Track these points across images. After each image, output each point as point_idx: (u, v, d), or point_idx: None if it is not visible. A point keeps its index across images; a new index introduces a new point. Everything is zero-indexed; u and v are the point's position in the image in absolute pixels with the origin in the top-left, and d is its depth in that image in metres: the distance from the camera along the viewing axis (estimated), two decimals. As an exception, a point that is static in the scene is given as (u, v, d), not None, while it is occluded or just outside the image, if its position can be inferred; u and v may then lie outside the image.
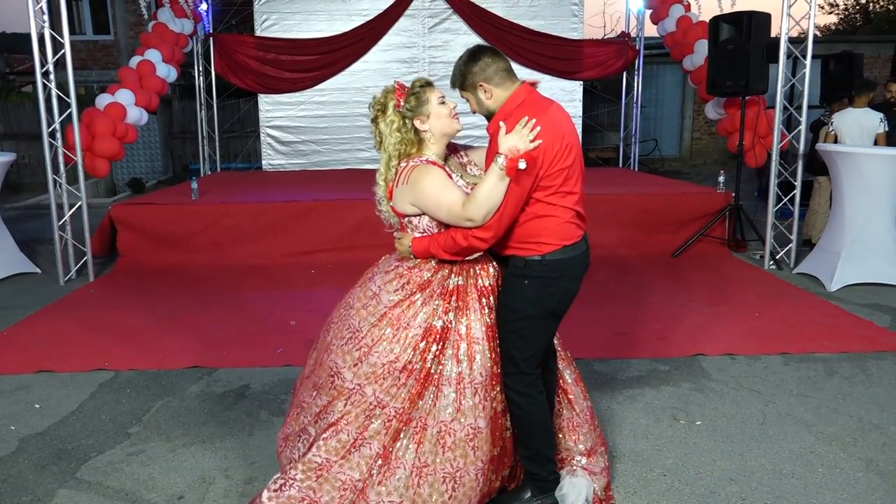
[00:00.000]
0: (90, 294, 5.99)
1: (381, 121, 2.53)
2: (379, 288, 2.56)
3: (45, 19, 6.05)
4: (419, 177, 2.43)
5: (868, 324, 5.00)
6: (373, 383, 2.45)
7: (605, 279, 6.19)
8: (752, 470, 3.08)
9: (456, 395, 2.46)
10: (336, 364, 2.53)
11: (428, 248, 2.49)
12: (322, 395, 2.56)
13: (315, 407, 2.58)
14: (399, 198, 2.51)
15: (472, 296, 2.54)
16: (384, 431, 2.44)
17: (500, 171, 2.31)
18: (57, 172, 6.30)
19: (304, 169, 10.52)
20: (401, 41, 10.38)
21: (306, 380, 2.73)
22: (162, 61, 8.18)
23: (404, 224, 2.57)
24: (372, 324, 2.50)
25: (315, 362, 2.71)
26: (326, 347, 2.63)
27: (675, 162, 14.98)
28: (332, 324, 2.67)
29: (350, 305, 2.62)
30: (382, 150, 2.57)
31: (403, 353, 2.45)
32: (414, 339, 2.46)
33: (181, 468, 3.10)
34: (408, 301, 2.50)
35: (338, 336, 2.58)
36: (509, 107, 2.52)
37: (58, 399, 3.83)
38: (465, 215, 2.36)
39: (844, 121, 6.73)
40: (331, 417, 2.48)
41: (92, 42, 17.82)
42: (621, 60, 10.57)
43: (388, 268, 2.61)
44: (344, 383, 2.49)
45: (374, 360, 2.46)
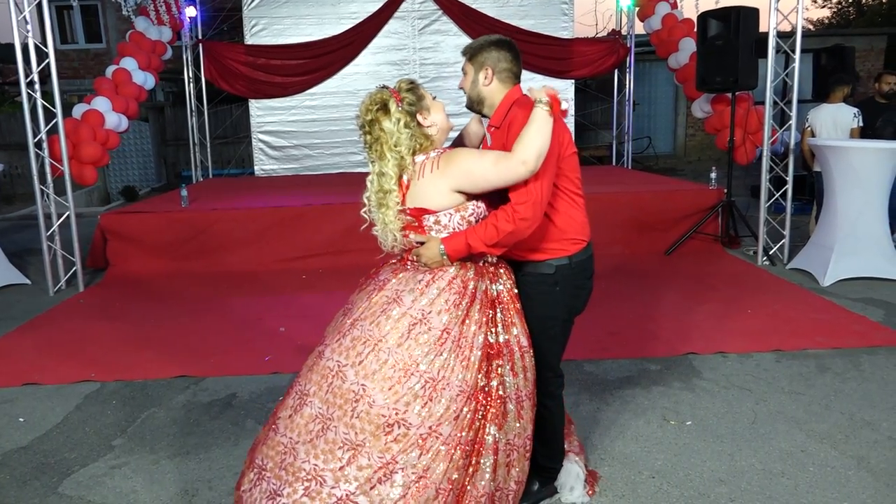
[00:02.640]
0: (79, 304, 5.95)
1: (384, 120, 2.32)
2: (420, 311, 2.25)
3: (29, 29, 6.01)
4: (450, 158, 2.31)
5: (861, 318, 4.97)
6: (450, 421, 2.17)
7: (597, 278, 6.10)
8: (741, 470, 3.05)
9: (517, 411, 2.37)
10: (394, 412, 2.14)
11: (467, 243, 2.28)
12: (366, 452, 2.12)
13: (356, 469, 2.12)
14: (429, 190, 2.31)
15: (513, 303, 2.43)
16: (464, 467, 2.21)
17: (544, 112, 2.24)
18: (44, 183, 6.26)
19: (296, 174, 10.49)
20: (391, 43, 10.35)
21: (303, 445, 2.18)
22: (138, 69, 8.19)
23: (425, 227, 2.34)
24: (430, 354, 2.20)
25: (313, 419, 2.20)
26: (351, 398, 2.17)
27: (669, 159, 14.95)
28: (344, 368, 2.22)
29: (377, 339, 2.22)
30: (387, 151, 2.32)
31: (473, 379, 2.24)
32: (480, 361, 2.27)
33: (164, 480, 3.06)
34: (464, 316, 2.27)
35: (375, 379, 2.18)
36: (509, 100, 2.52)
37: (42, 412, 3.79)
38: (519, 158, 2.20)
39: (819, 116, 6.72)
40: (401, 476, 2.11)
41: (84, 51, 17.81)
42: (612, 58, 10.54)
43: (417, 284, 2.31)
44: (410, 430, 2.13)
45: (448, 394, 2.18)
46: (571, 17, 10.46)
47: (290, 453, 2.17)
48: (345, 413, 2.14)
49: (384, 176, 2.33)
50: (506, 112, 2.50)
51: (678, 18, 8.68)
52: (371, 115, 2.34)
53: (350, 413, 2.14)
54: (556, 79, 10.47)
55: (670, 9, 8.81)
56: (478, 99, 2.56)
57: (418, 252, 2.34)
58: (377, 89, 2.41)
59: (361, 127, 2.39)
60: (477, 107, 2.60)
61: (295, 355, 4.52)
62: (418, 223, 2.34)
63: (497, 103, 2.55)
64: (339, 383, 2.18)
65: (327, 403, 2.18)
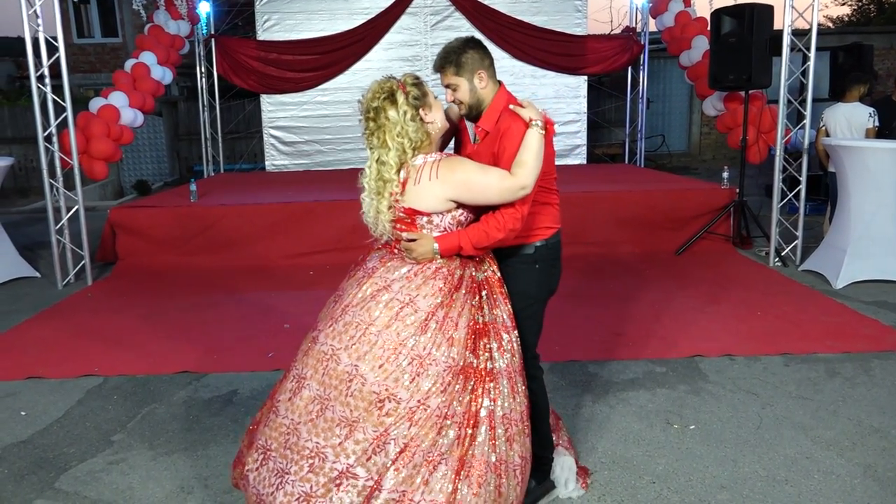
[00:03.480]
0: (87, 298, 5.97)
1: (390, 109, 2.34)
2: (407, 296, 2.35)
3: (40, 23, 6.03)
4: (452, 168, 2.37)
5: (873, 322, 4.88)
6: (438, 395, 2.28)
7: (606, 277, 6.10)
8: (744, 476, 2.99)
9: (510, 387, 2.45)
10: (384, 389, 2.25)
11: (459, 245, 2.41)
12: (361, 427, 2.24)
13: (353, 443, 2.24)
14: (424, 195, 2.36)
15: (497, 287, 2.54)
16: (457, 442, 2.30)
17: (540, 135, 2.40)
18: (53, 176, 6.28)
19: (307, 169, 10.50)
20: (403, 39, 10.33)
21: (304, 425, 2.30)
22: (157, 63, 8.19)
23: (417, 225, 2.41)
24: (416, 333, 2.31)
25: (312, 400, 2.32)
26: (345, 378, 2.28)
27: (683, 157, 14.82)
28: (338, 351, 2.32)
29: (367, 323, 2.33)
30: (390, 140, 2.36)
31: (460, 356, 2.34)
32: (465, 338, 2.37)
33: (161, 477, 3.05)
34: (449, 301, 2.38)
35: (366, 359, 2.28)
36: (499, 103, 2.57)
37: (44, 406, 3.79)
38: (520, 184, 2.35)
39: (833, 115, 6.61)
40: (393, 447, 2.23)
41: (100, 45, 17.92)
42: (626, 55, 10.45)
43: (405, 273, 2.40)
44: (400, 405, 2.25)
45: (434, 370, 2.29)
46: (585, 14, 10.39)
47: (293, 433, 2.31)
48: (340, 393, 2.28)
49: (384, 165, 2.38)
50: (496, 117, 2.55)
51: (691, 16, 8.58)
52: (378, 102, 2.37)
53: (345, 392, 2.27)
54: (568, 75, 10.43)
55: (683, 6, 8.71)
56: (478, 104, 2.58)
57: (410, 247, 2.41)
58: (384, 78, 2.43)
59: (366, 112, 2.41)
60: (475, 112, 2.59)
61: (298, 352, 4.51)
62: (411, 221, 2.42)
63: (488, 104, 2.58)
64: (334, 366, 2.31)
65: (324, 385, 2.31)
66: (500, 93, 2.59)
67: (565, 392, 3.82)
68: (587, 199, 7.05)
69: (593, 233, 6.98)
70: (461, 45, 2.54)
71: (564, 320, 4.95)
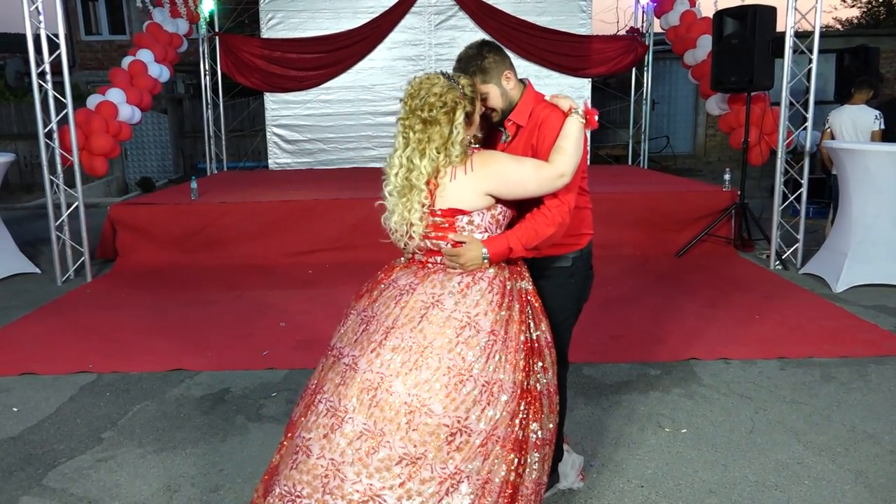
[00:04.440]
0: (85, 294, 5.98)
1: (444, 124, 2.20)
2: (465, 315, 2.17)
3: (41, 20, 6.05)
4: (485, 161, 2.25)
5: (872, 327, 4.84)
6: (506, 424, 2.14)
7: (605, 279, 6.04)
8: (734, 481, 2.97)
9: (549, 407, 2.35)
10: (455, 420, 2.06)
11: (509, 246, 2.27)
12: (428, 465, 2.03)
13: (418, 483, 2.02)
14: (462, 191, 2.23)
15: (536, 300, 2.42)
16: (514, 470, 2.18)
17: (580, 124, 2.32)
18: (54, 173, 6.30)
19: (310, 168, 10.50)
20: (407, 38, 10.32)
21: (351, 465, 2.03)
22: (154, 61, 8.22)
23: (458, 227, 2.25)
24: (482, 356, 2.13)
25: (359, 436, 2.06)
26: (404, 410, 2.06)
27: (688, 159, 14.76)
28: (389, 379, 2.09)
29: (423, 347, 2.11)
30: (430, 151, 2.21)
31: (520, 377, 2.21)
32: (521, 360, 2.23)
33: (148, 475, 3.05)
34: (507, 317, 2.24)
35: (429, 388, 2.07)
36: (529, 99, 2.49)
37: (36, 402, 3.80)
38: (558, 171, 2.26)
39: (839, 118, 6.58)
40: (466, 486, 2.05)
41: (108, 42, 17.95)
42: (631, 56, 10.41)
43: (456, 286, 2.23)
44: (471, 437, 2.07)
45: (503, 398, 2.13)
46: (589, 14, 10.36)
47: (334, 476, 2.02)
48: (398, 427, 2.03)
49: (415, 170, 2.23)
50: (528, 111, 2.48)
51: (696, 16, 8.55)
52: (436, 111, 2.20)
53: (405, 426, 2.03)
54: (572, 76, 10.40)
55: (689, 6, 8.67)
56: (510, 106, 2.50)
57: (456, 252, 2.24)
58: (448, 81, 2.25)
59: (414, 112, 2.23)
60: (504, 114, 2.51)
61: (292, 351, 4.52)
62: (450, 224, 2.26)
63: (517, 101, 2.51)
64: (386, 396, 2.06)
65: (374, 418, 2.04)
66: (529, 90, 2.52)
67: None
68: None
69: (594, 234, 6.94)
70: (479, 51, 2.45)
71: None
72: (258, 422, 3.54)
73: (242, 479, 3.00)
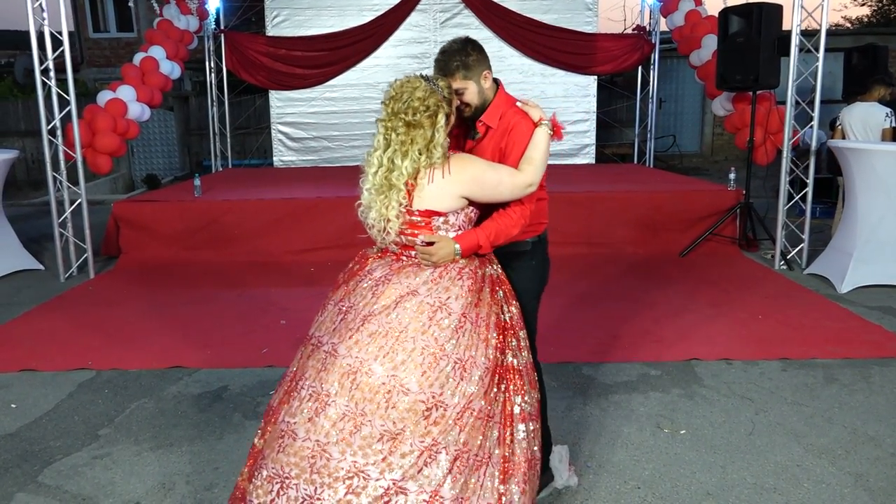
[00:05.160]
0: (87, 291, 5.99)
1: (427, 127, 2.29)
2: (437, 299, 2.27)
3: (45, 17, 6.06)
4: (463, 165, 2.35)
5: (876, 328, 4.80)
6: (481, 397, 2.24)
7: (608, 279, 6.04)
8: (732, 484, 2.94)
9: (530, 383, 2.43)
10: (430, 396, 2.16)
11: (478, 243, 2.40)
12: (407, 440, 2.13)
13: (399, 457, 2.11)
14: (440, 194, 2.32)
15: (506, 285, 2.53)
16: (499, 442, 2.27)
17: (548, 135, 2.47)
18: (57, 170, 6.31)
19: (314, 165, 10.50)
20: (412, 36, 10.29)
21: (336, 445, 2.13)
22: (166, 58, 8.20)
23: (433, 226, 2.34)
24: (454, 336, 2.24)
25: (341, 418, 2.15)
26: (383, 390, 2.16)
27: (695, 158, 14.69)
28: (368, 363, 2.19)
29: (399, 331, 2.22)
30: (412, 152, 2.28)
31: (494, 355, 2.32)
32: (496, 337, 2.35)
33: (143, 473, 3.04)
34: (477, 300, 2.35)
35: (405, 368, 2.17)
36: (501, 101, 2.59)
37: (35, 399, 3.81)
38: (528, 181, 2.41)
39: (850, 115, 6.52)
40: (445, 456, 2.14)
41: (115, 39, 18.00)
42: (637, 55, 10.36)
43: (429, 276, 2.31)
44: (447, 411, 2.17)
45: (477, 373, 2.24)
46: (596, 13, 10.31)
47: (320, 456, 2.12)
48: (378, 406, 2.14)
49: (395, 170, 2.30)
50: (499, 113, 2.56)
51: (702, 15, 8.49)
52: (420, 116, 2.28)
53: (384, 405, 2.14)
54: (578, 74, 10.36)
55: (694, 5, 8.62)
56: (483, 105, 2.58)
57: (429, 251, 2.33)
58: (430, 87, 2.32)
59: (397, 114, 2.30)
60: (478, 114, 2.58)
61: (292, 349, 4.46)
62: (426, 223, 2.35)
63: (490, 101, 2.58)
64: (366, 379, 2.17)
65: (355, 400, 2.15)
66: (501, 90, 2.60)
67: (557, 394, 3.77)
68: (592, 199, 6.99)
69: (597, 233, 6.92)
70: (464, 47, 2.50)
71: (562, 322, 4.91)
72: (255, 420, 3.53)
73: (237, 476, 2.98)
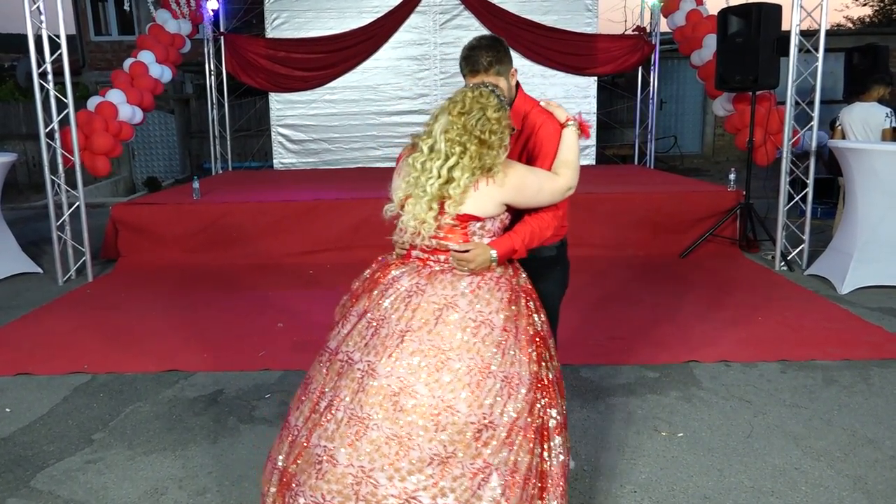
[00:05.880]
0: (86, 295, 5.98)
1: (509, 133, 2.30)
2: (479, 314, 2.19)
3: (43, 20, 6.06)
4: (504, 171, 2.27)
5: (877, 329, 4.76)
6: (527, 414, 2.18)
7: (607, 280, 6.01)
8: (729, 487, 2.91)
9: (559, 394, 2.35)
10: (481, 417, 2.08)
11: (513, 248, 2.33)
12: (458, 462, 2.04)
13: (451, 481, 2.03)
14: (483, 200, 2.25)
15: (535, 293, 2.45)
16: (540, 454, 2.23)
17: (576, 135, 2.47)
18: (55, 173, 6.31)
19: (314, 167, 10.49)
20: (412, 38, 10.28)
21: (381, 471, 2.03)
22: (155, 62, 8.24)
23: (469, 231, 2.27)
24: (499, 353, 2.15)
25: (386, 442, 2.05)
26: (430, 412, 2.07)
27: (696, 159, 14.66)
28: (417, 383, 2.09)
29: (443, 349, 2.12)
30: (470, 166, 2.21)
31: (535, 368, 2.24)
32: (533, 350, 2.26)
33: (136, 477, 3.03)
34: (515, 313, 2.27)
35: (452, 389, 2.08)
36: (522, 102, 2.61)
37: (29, 403, 3.79)
38: (568, 185, 2.43)
39: (850, 115, 6.49)
40: (497, 478, 2.08)
41: (117, 42, 18.00)
42: (637, 55, 10.33)
43: (467, 287, 2.24)
44: (496, 431, 2.10)
45: (522, 390, 2.18)
46: (595, 14, 10.29)
47: (365, 483, 2.02)
48: (426, 430, 2.04)
49: (454, 182, 2.21)
50: (522, 114, 2.56)
51: (703, 15, 8.47)
52: (494, 137, 2.22)
53: (433, 428, 2.05)
54: (578, 75, 10.33)
55: (695, 5, 8.59)
56: (511, 101, 2.56)
57: (465, 258, 2.25)
58: (500, 103, 2.27)
59: (470, 131, 2.21)
60: None
61: (289, 352, 4.49)
62: (462, 227, 2.27)
63: (513, 102, 2.59)
64: (410, 401, 2.07)
65: (400, 423, 2.05)
66: (521, 92, 2.62)
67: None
68: (592, 200, 6.95)
69: (597, 235, 6.89)
70: (493, 43, 2.51)
71: (561, 323, 4.84)
72: (250, 423, 3.51)
73: (230, 481, 2.97)
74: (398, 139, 10.40)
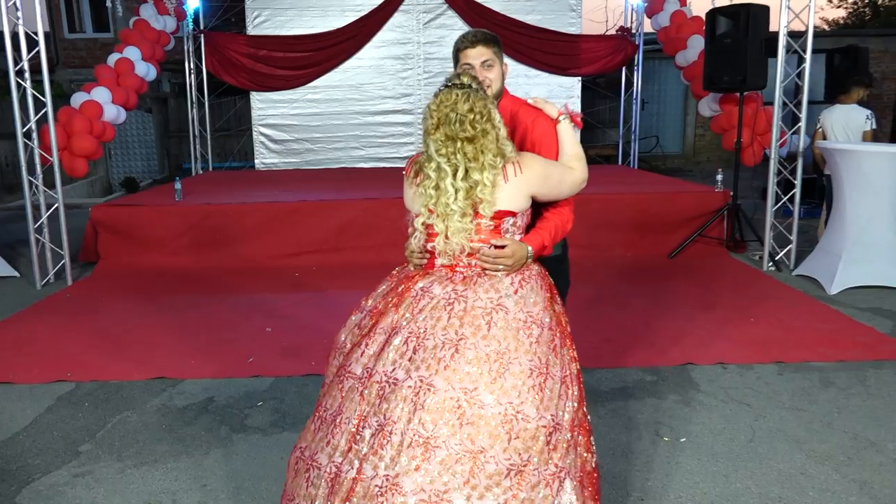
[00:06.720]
0: (65, 299, 5.82)
1: (491, 130, 2.20)
2: (527, 313, 2.14)
3: (20, 16, 5.89)
4: (528, 162, 2.26)
5: (868, 330, 4.77)
6: (579, 413, 2.17)
7: (596, 282, 5.98)
8: (736, 493, 2.88)
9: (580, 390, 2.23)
10: (550, 420, 2.01)
11: (543, 243, 2.36)
12: (534, 470, 1.97)
13: (528, 490, 1.94)
14: (513, 193, 2.20)
15: (556, 289, 2.40)
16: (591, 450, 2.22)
17: (571, 127, 2.48)
18: (33, 174, 6.14)
19: (297, 168, 10.36)
20: (395, 37, 10.20)
21: (457, 490, 1.91)
22: (141, 59, 8.03)
23: (503, 229, 2.21)
24: (552, 353, 2.12)
25: (457, 460, 1.92)
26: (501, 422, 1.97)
27: (677, 159, 14.73)
28: (482, 392, 1.99)
29: (501, 353, 2.04)
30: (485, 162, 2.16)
31: (577, 367, 2.24)
32: (573, 348, 2.25)
33: (127, 491, 2.91)
34: (557, 311, 2.27)
35: (517, 394, 2.00)
36: (508, 101, 2.63)
37: (11, 414, 3.65)
38: (583, 177, 2.44)
39: (831, 117, 6.53)
40: (570, 482, 2.03)
41: (92, 40, 17.68)
42: (620, 56, 10.35)
43: (509, 286, 2.18)
44: (562, 434, 2.06)
45: (575, 388, 2.17)
46: (579, 14, 10.28)
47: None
48: (498, 440, 1.94)
49: (479, 185, 2.15)
50: (509, 113, 2.55)
51: (687, 16, 8.48)
52: (481, 125, 2.16)
53: (506, 437, 1.95)
54: (561, 76, 10.32)
55: (679, 6, 8.61)
56: (498, 95, 2.57)
57: (506, 255, 2.18)
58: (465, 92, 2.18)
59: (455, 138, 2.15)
60: None
61: (278, 358, 4.39)
62: (496, 226, 2.20)
63: (500, 97, 2.60)
64: (477, 411, 1.96)
65: (469, 437, 1.94)
66: (507, 92, 2.65)
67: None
68: (578, 201, 6.89)
69: (583, 236, 6.82)
70: (492, 33, 2.58)
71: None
72: (243, 433, 3.41)
73: (227, 494, 2.87)
74: (381, 139, 10.31)
